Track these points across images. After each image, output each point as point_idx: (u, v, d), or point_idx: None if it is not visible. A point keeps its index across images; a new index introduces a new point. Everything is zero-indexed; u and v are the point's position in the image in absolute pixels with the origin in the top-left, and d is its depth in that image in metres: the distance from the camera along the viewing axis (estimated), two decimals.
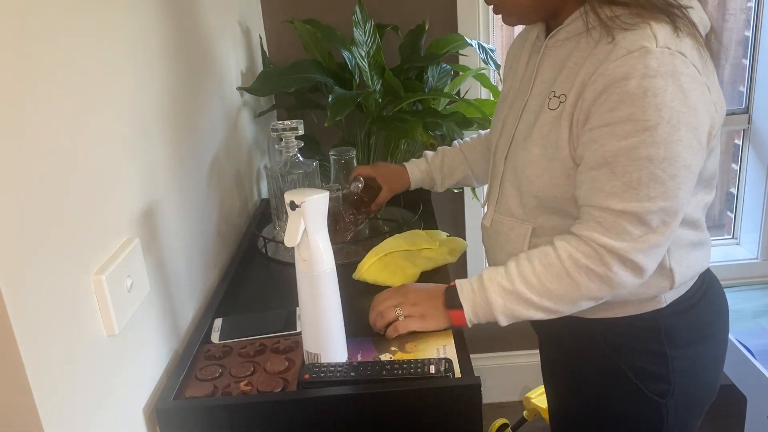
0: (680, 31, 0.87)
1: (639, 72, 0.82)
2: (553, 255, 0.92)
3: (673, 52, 0.84)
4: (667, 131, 0.83)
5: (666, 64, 0.83)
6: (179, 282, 1.11)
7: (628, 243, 0.88)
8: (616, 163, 0.86)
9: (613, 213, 0.88)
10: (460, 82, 1.87)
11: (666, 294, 1.01)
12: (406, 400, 0.90)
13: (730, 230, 2.40)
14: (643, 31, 0.85)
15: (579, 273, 0.91)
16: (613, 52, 0.86)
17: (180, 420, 0.91)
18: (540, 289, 0.93)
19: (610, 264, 0.89)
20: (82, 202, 0.79)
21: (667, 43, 0.84)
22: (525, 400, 2.10)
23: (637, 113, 0.83)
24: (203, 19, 1.36)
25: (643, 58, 0.83)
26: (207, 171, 1.31)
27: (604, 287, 0.91)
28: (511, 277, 0.95)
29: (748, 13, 2.15)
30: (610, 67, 0.85)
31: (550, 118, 0.95)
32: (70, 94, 0.77)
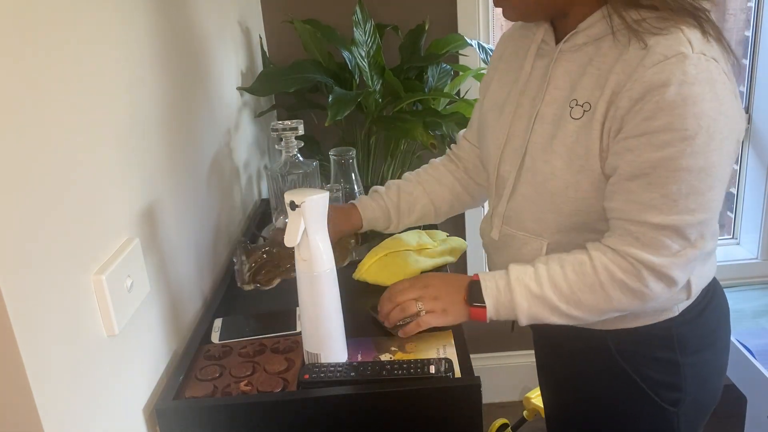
0: (709, 35, 0.84)
1: (678, 79, 0.79)
2: (589, 265, 0.90)
3: (708, 58, 0.81)
4: (705, 141, 0.80)
5: (703, 70, 0.80)
6: (179, 282, 1.11)
7: (668, 258, 0.86)
8: (653, 174, 0.83)
9: (652, 227, 0.85)
10: (460, 82, 1.87)
11: (679, 303, 1.00)
12: (406, 400, 0.90)
13: (730, 230, 2.40)
14: (676, 35, 0.82)
15: (613, 287, 0.89)
16: (648, 58, 0.82)
17: (180, 420, 0.91)
18: (570, 297, 0.91)
19: (646, 279, 0.87)
20: (82, 202, 0.79)
21: (702, 48, 0.81)
22: (525, 400, 2.10)
23: (675, 122, 0.80)
24: (203, 19, 1.36)
25: (681, 64, 0.79)
26: (207, 171, 1.31)
27: (636, 301, 0.90)
28: (541, 281, 0.91)
29: (748, 13, 2.15)
30: (647, 73, 0.81)
31: (574, 128, 0.90)
32: (69, 94, 0.77)
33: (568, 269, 0.91)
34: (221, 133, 1.44)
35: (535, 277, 0.92)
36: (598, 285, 0.89)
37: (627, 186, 0.86)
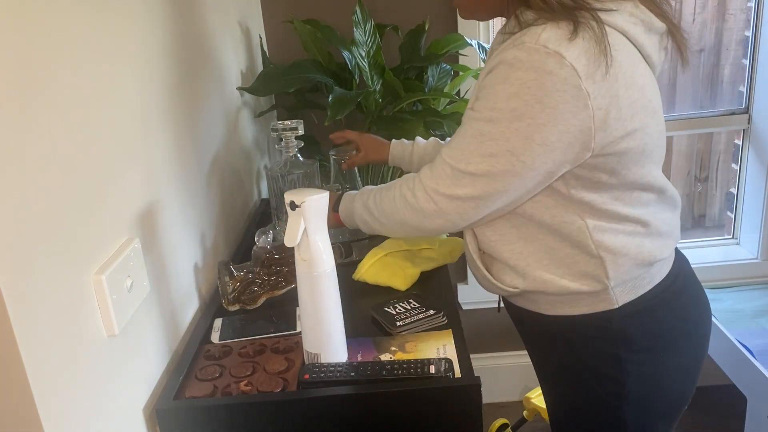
0: (578, 35, 0.87)
1: (508, 61, 0.88)
2: (395, 183, 1.08)
3: (549, 51, 0.86)
4: (506, 117, 0.89)
5: (535, 60, 0.86)
6: (179, 282, 1.11)
7: (438, 185, 0.98)
8: (463, 125, 0.96)
9: (441, 160, 0.98)
10: (460, 82, 1.87)
11: (615, 292, 1.00)
12: (406, 400, 0.90)
13: (730, 230, 2.40)
14: (534, 29, 0.89)
15: (401, 200, 1.04)
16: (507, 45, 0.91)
17: (180, 420, 0.91)
18: (379, 207, 1.09)
19: (419, 197, 1.01)
20: (82, 202, 0.79)
21: (546, 41, 0.86)
22: (525, 400, 2.10)
23: (491, 94, 0.90)
24: (203, 19, 1.36)
25: (517, 50, 0.87)
26: (207, 171, 1.31)
27: (415, 216, 1.02)
28: (370, 195, 1.12)
29: (748, 13, 2.15)
30: (496, 57, 0.91)
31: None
32: (70, 95, 0.77)
33: (385, 187, 1.11)
34: (221, 133, 1.44)
35: (369, 192, 1.13)
36: (393, 197, 1.06)
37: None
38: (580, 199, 0.95)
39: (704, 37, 2.18)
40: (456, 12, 1.92)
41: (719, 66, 2.22)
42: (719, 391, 2.19)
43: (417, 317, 1.10)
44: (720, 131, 2.29)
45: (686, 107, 2.25)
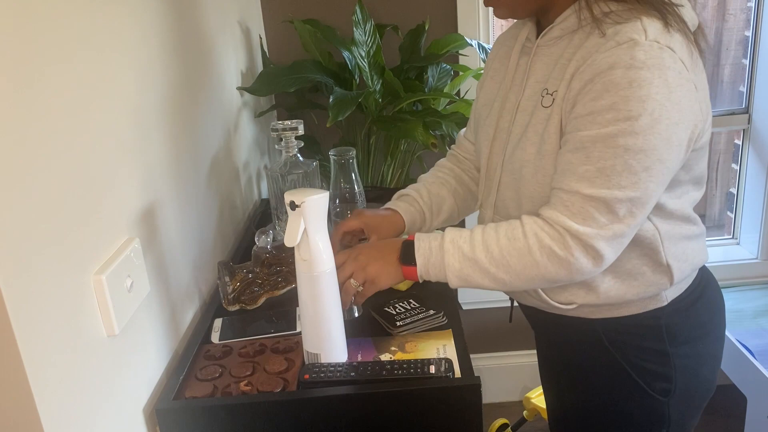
0: (671, 27, 0.87)
1: (625, 62, 0.83)
2: (520, 231, 0.92)
3: (662, 46, 0.84)
4: (648, 123, 0.83)
5: (654, 57, 0.83)
6: (179, 282, 1.11)
7: (593, 229, 0.88)
8: (592, 149, 0.86)
9: (582, 197, 0.88)
10: (460, 82, 1.87)
11: (667, 292, 1.02)
12: (406, 400, 0.90)
13: (730, 230, 2.40)
14: (634, 24, 0.86)
15: (541, 252, 0.90)
16: (604, 45, 0.87)
17: (180, 420, 0.91)
18: (500, 261, 0.92)
19: (572, 248, 0.89)
20: (82, 202, 0.79)
21: (656, 37, 0.85)
22: (525, 400, 2.10)
23: (620, 103, 0.83)
24: (203, 19, 1.36)
25: (631, 49, 0.83)
26: (207, 171, 1.31)
27: (562, 270, 0.91)
28: (474, 243, 0.94)
29: (748, 13, 2.15)
30: (599, 57, 0.86)
31: (544, 115, 0.95)
32: (70, 95, 0.77)
33: (501, 234, 0.93)
34: (221, 133, 1.44)
35: (469, 239, 0.94)
36: (527, 250, 0.91)
37: (568, 158, 0.89)
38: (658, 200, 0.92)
39: None
40: (456, 12, 1.93)
41: (719, 66, 2.22)
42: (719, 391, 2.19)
43: (417, 317, 1.10)
44: (720, 131, 2.29)
45: None
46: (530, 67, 1.00)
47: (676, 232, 0.99)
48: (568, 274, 0.91)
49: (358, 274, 0.99)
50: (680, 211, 0.99)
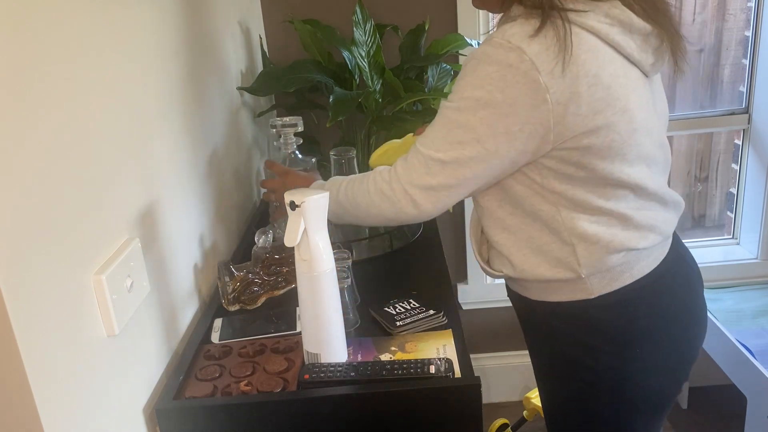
0: (540, 32, 0.91)
1: (476, 55, 0.94)
2: (367, 176, 1.10)
3: (512, 46, 0.91)
4: (472, 105, 0.94)
5: (498, 54, 0.91)
6: (179, 282, 1.11)
7: (411, 176, 1.02)
8: (437, 115, 1.00)
9: (415, 149, 1.02)
10: None
11: (592, 283, 1.02)
12: (406, 400, 0.90)
13: (730, 230, 2.40)
14: (507, 26, 0.94)
15: (375, 192, 1.06)
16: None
17: (180, 420, 0.91)
18: (352, 200, 1.10)
19: (395, 189, 1.03)
20: (82, 202, 0.79)
21: (510, 38, 0.91)
22: (525, 400, 2.10)
23: (460, 84, 0.96)
24: (203, 19, 1.36)
25: (486, 44, 0.94)
26: (207, 171, 1.31)
27: (391, 208, 1.05)
28: (340, 187, 1.13)
29: (748, 13, 2.15)
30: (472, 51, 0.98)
31: None
32: (70, 95, 0.77)
33: (357, 179, 1.12)
34: (221, 133, 1.44)
35: (338, 184, 1.14)
36: (367, 191, 1.08)
37: None
38: (554, 189, 0.99)
39: (704, 37, 2.18)
40: (456, 12, 1.93)
41: (719, 66, 2.22)
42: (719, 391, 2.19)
43: (417, 317, 1.10)
44: (720, 131, 2.29)
45: (686, 107, 2.25)
46: None
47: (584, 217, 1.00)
48: (395, 212, 1.05)
49: (278, 193, 1.29)
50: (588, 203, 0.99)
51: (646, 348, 1.05)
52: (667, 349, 1.07)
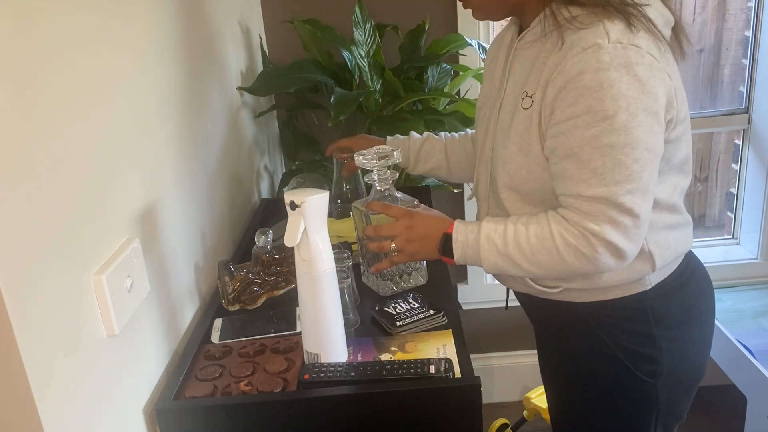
0: (634, 27, 0.91)
1: (592, 66, 0.88)
2: (548, 231, 0.98)
3: (625, 45, 0.89)
4: (626, 118, 0.88)
5: (618, 57, 0.88)
6: (179, 282, 1.11)
7: (606, 226, 0.93)
8: (581, 153, 0.92)
9: (587, 199, 0.93)
10: (460, 82, 1.87)
11: (650, 276, 1.05)
12: (406, 400, 0.90)
13: (730, 230, 2.40)
14: (596, 29, 0.91)
15: (568, 252, 0.96)
16: (570, 51, 0.91)
17: (180, 420, 0.91)
18: (531, 258, 0.99)
19: (595, 246, 0.94)
20: (82, 202, 0.79)
21: (619, 38, 0.89)
22: (525, 400, 2.10)
23: (595, 105, 0.89)
24: (203, 19, 1.36)
25: (596, 53, 0.88)
26: (207, 171, 1.31)
27: (589, 266, 0.96)
28: (507, 240, 1.00)
29: (748, 13, 2.15)
30: (567, 64, 0.91)
31: (524, 116, 1.00)
32: (70, 95, 0.77)
33: (531, 233, 0.99)
34: (221, 133, 1.44)
35: (503, 236, 1.01)
36: (555, 249, 0.97)
37: (563, 165, 0.95)
38: None
39: (704, 37, 2.18)
40: (456, 12, 1.93)
41: (719, 66, 2.22)
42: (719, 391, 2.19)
43: (417, 317, 1.10)
44: (720, 131, 2.29)
45: None
46: (510, 68, 1.06)
47: (659, 221, 1.02)
48: (595, 268, 0.97)
49: (400, 240, 1.07)
50: (663, 201, 1.02)
51: (692, 326, 1.09)
52: (704, 323, 1.12)
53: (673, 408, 1.11)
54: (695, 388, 1.14)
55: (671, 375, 1.07)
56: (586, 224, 0.94)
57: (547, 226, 0.98)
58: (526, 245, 0.99)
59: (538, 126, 0.97)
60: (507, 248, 1.00)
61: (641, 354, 1.06)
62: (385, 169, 1.16)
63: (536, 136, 0.98)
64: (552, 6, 0.95)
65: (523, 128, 1.00)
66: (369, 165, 1.15)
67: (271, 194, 1.91)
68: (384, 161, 1.14)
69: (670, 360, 1.06)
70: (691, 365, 1.10)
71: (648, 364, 1.06)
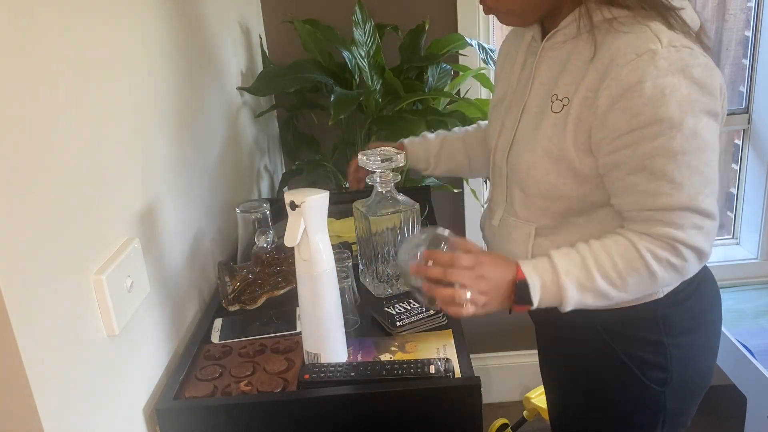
0: (675, 30, 0.90)
1: (651, 74, 0.85)
2: (634, 249, 0.93)
3: (678, 48, 0.87)
4: (692, 123, 0.87)
5: (675, 61, 0.86)
6: (179, 282, 1.11)
7: (693, 231, 0.92)
8: (653, 165, 0.89)
9: (670, 210, 0.91)
10: (460, 82, 1.87)
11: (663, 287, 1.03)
12: (406, 400, 0.90)
13: (730, 230, 2.40)
14: (644, 33, 0.88)
15: (659, 266, 0.93)
16: (621, 57, 0.88)
17: (180, 420, 0.91)
18: (620, 284, 0.94)
19: (685, 255, 0.93)
20: (82, 202, 0.79)
21: (671, 41, 0.88)
22: (525, 400, 2.10)
23: (660, 113, 0.86)
24: (203, 19, 1.36)
25: (653, 59, 0.86)
26: (207, 171, 1.31)
27: (677, 276, 0.96)
28: (590, 271, 0.93)
29: (748, 13, 2.15)
30: (622, 72, 0.87)
31: (554, 120, 0.97)
32: (70, 95, 0.77)
33: (616, 256, 0.93)
34: (221, 133, 1.44)
35: (583, 268, 0.94)
36: (645, 267, 0.93)
37: (632, 180, 0.92)
38: None
39: None
40: (456, 12, 1.93)
41: (719, 66, 2.21)
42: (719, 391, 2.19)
43: (417, 317, 1.10)
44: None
45: None
46: (535, 68, 1.02)
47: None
48: (682, 277, 0.97)
49: (474, 293, 0.92)
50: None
51: (701, 333, 1.08)
52: (712, 330, 1.11)
53: (680, 415, 1.10)
54: (702, 394, 1.13)
55: (680, 382, 1.06)
56: (673, 235, 0.92)
57: (630, 245, 0.93)
58: (613, 272, 0.93)
59: (574, 132, 0.94)
60: (593, 282, 0.93)
61: (650, 362, 1.04)
62: (387, 171, 1.15)
63: (570, 143, 0.94)
64: (589, 5, 0.92)
65: (554, 133, 0.96)
66: (372, 166, 1.14)
67: (271, 194, 1.91)
68: (387, 163, 1.13)
69: (679, 367, 1.05)
70: (699, 372, 1.09)
71: (657, 372, 1.05)
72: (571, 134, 0.94)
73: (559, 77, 0.97)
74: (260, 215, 1.25)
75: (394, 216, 1.15)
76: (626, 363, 1.05)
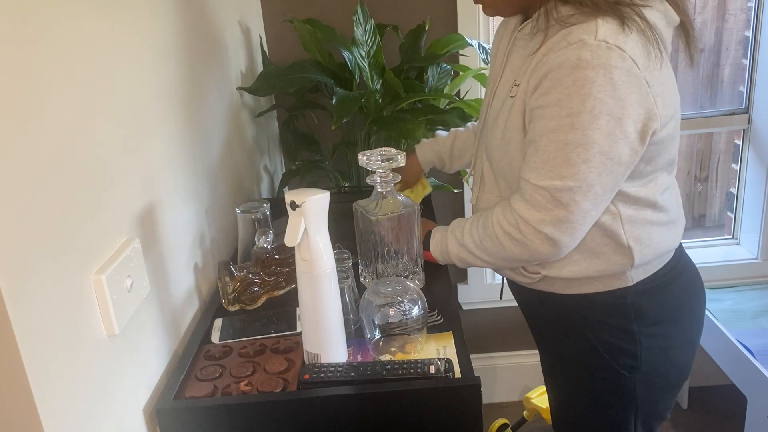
0: (628, 27, 0.91)
1: (572, 62, 0.89)
2: (490, 219, 1.05)
3: (610, 45, 0.89)
4: (587, 119, 0.90)
5: (599, 56, 0.88)
6: (179, 282, 1.11)
7: (539, 214, 0.97)
8: (539, 142, 0.95)
9: (532, 187, 0.97)
10: (460, 83, 1.87)
11: (631, 272, 1.06)
12: (406, 400, 0.90)
13: (730, 230, 2.40)
14: (587, 26, 0.91)
15: (504, 237, 1.02)
16: (558, 44, 0.92)
17: (180, 420, 0.91)
18: (480, 245, 1.07)
19: (525, 232, 0.99)
20: (82, 202, 0.79)
21: (605, 37, 0.89)
22: (525, 400, 2.10)
23: (563, 99, 0.90)
24: (203, 19, 1.36)
25: (579, 49, 0.89)
26: (207, 171, 1.31)
27: (525, 252, 1.01)
28: (464, 232, 1.10)
29: (748, 13, 2.15)
30: (551, 56, 0.92)
31: (510, 104, 1.02)
32: (70, 95, 0.77)
33: (479, 223, 1.08)
34: (221, 133, 1.44)
35: (461, 229, 1.11)
36: (494, 235, 1.04)
37: (527, 150, 0.99)
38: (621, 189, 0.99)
39: (704, 37, 2.18)
40: (456, 12, 1.93)
41: (719, 66, 2.22)
42: (719, 391, 2.19)
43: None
44: (720, 131, 2.29)
45: (686, 107, 2.25)
46: (507, 57, 1.08)
47: (640, 217, 1.03)
48: (530, 254, 1.01)
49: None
50: (645, 198, 1.03)
51: (675, 324, 1.10)
52: (689, 323, 1.13)
53: (653, 406, 1.12)
54: (678, 387, 1.15)
55: (651, 372, 1.08)
56: (520, 210, 0.99)
57: (491, 215, 1.05)
58: (476, 234, 1.07)
59: (520, 113, 0.99)
60: (464, 239, 1.09)
61: (620, 348, 1.07)
62: (387, 171, 1.15)
63: (519, 125, 1.00)
64: (548, 4, 0.96)
65: (507, 116, 1.02)
66: (372, 166, 1.14)
67: (271, 194, 1.91)
68: (388, 164, 1.13)
69: (650, 357, 1.07)
70: (673, 364, 1.11)
71: (627, 359, 1.08)
72: (519, 116, 1.00)
73: (522, 65, 1.02)
74: (260, 215, 1.25)
75: (395, 216, 1.15)
76: (596, 347, 1.08)
